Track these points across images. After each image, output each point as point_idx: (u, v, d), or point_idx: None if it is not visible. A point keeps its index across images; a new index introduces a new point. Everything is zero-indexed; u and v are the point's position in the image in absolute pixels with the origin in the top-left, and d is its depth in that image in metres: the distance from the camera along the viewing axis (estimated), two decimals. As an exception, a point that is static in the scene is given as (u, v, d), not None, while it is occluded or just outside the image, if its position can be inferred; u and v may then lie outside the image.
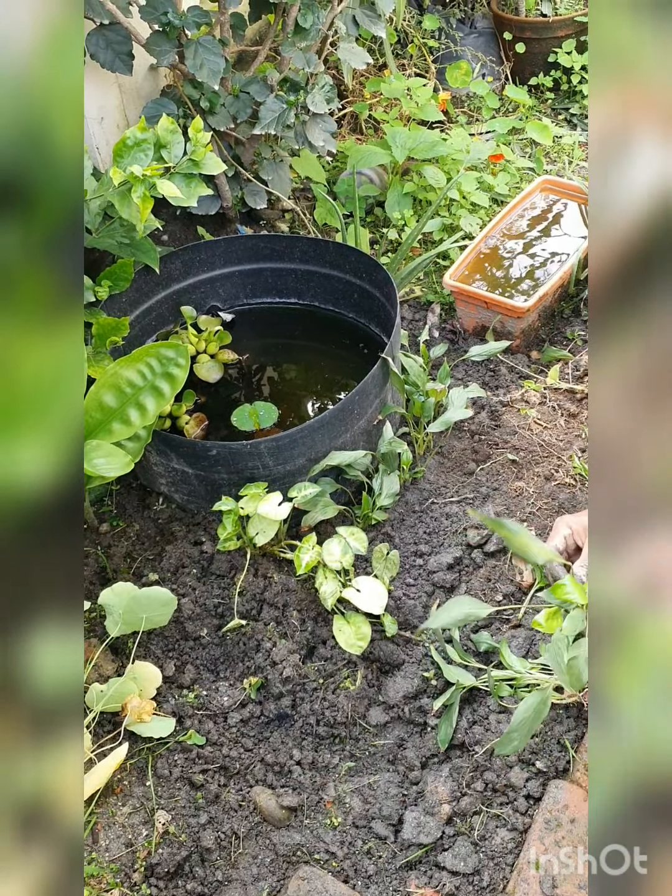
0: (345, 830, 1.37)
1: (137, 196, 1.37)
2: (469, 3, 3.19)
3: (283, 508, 1.55)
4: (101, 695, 1.43)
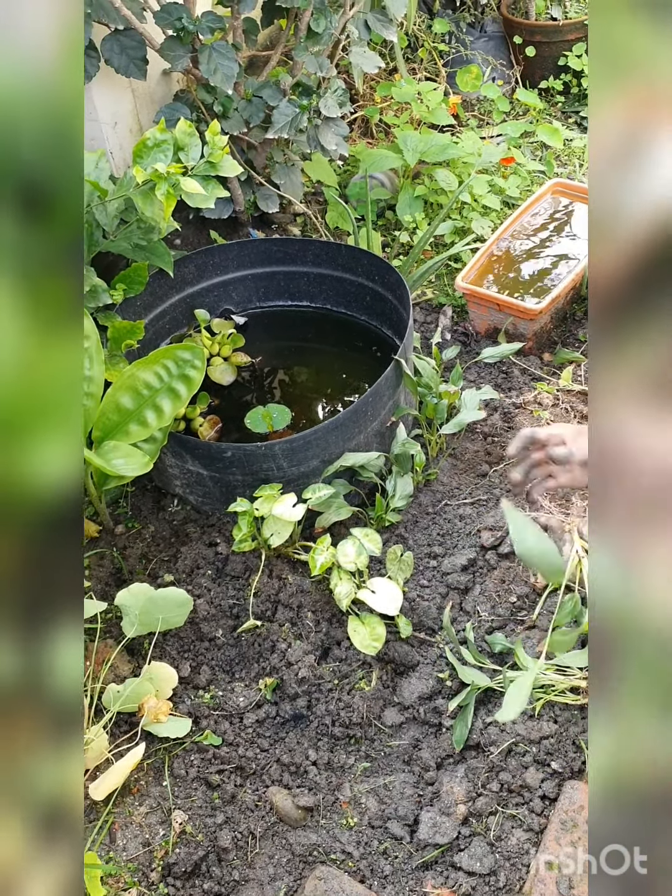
0: (361, 830, 1.37)
1: (161, 193, 1.38)
2: (479, 6, 3.20)
3: (297, 510, 1.56)
4: (117, 695, 1.44)
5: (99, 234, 1.65)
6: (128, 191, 1.49)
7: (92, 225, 1.60)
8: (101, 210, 1.58)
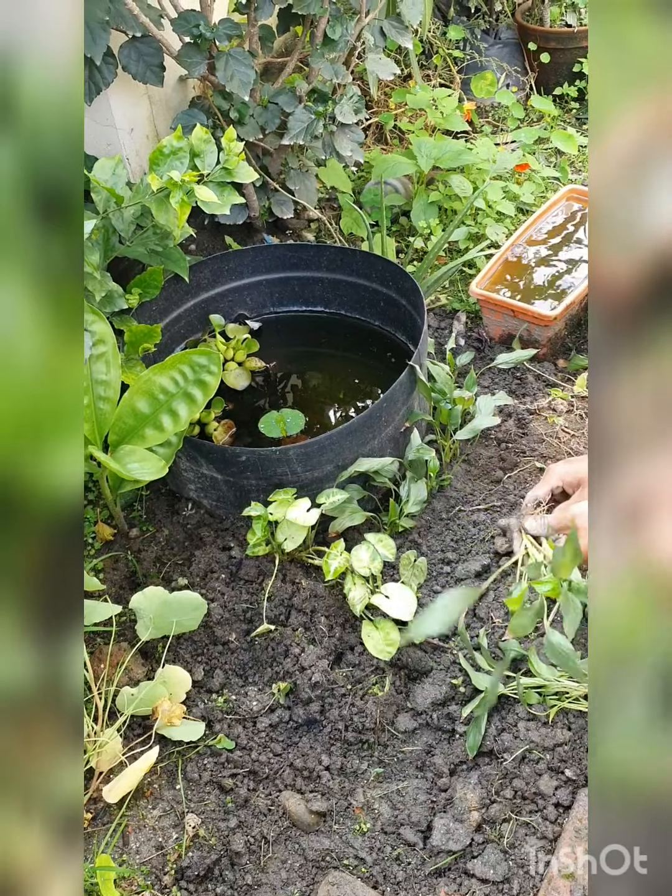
0: (374, 836, 1.37)
1: (176, 201, 1.39)
2: (494, 13, 3.21)
3: (311, 514, 1.56)
4: (131, 698, 1.44)
5: (115, 239, 1.66)
6: (143, 198, 1.50)
7: (108, 230, 1.62)
8: (117, 216, 1.59)
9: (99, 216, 1.60)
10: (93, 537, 1.79)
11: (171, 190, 1.45)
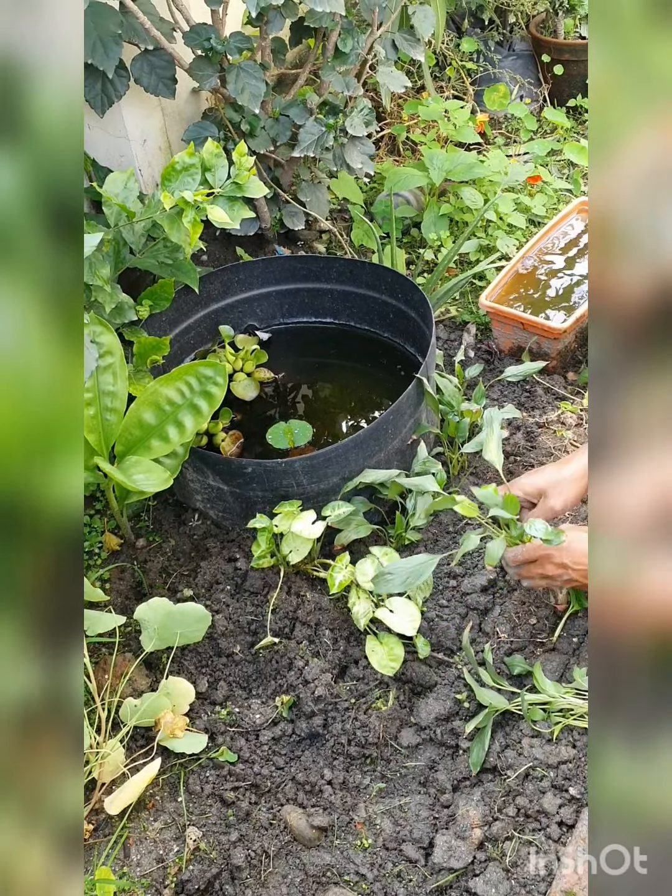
0: (375, 852, 1.36)
1: (188, 221, 1.40)
2: (507, 25, 3.21)
3: (316, 527, 1.56)
4: (134, 709, 1.44)
5: (126, 250, 1.67)
6: (154, 214, 1.51)
7: (119, 242, 1.63)
8: (128, 228, 1.60)
9: (110, 229, 1.61)
10: (99, 547, 1.80)
11: (183, 208, 1.45)
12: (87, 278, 1.48)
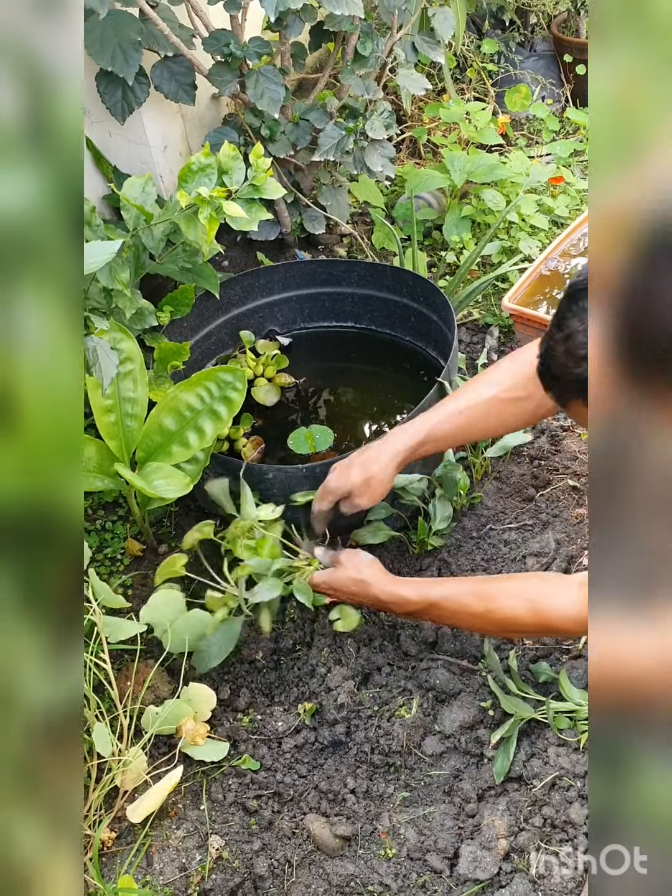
0: (399, 862, 1.34)
1: (204, 217, 1.40)
2: (528, 26, 3.19)
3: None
4: (156, 716, 1.43)
5: (146, 256, 1.67)
6: (172, 214, 1.51)
7: (139, 248, 1.63)
8: (147, 234, 1.60)
9: (129, 234, 1.61)
10: (121, 553, 1.80)
11: (199, 206, 1.45)
12: (107, 283, 1.48)
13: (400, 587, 1.40)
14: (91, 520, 1.85)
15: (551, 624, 1.25)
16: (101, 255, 1.24)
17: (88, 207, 1.59)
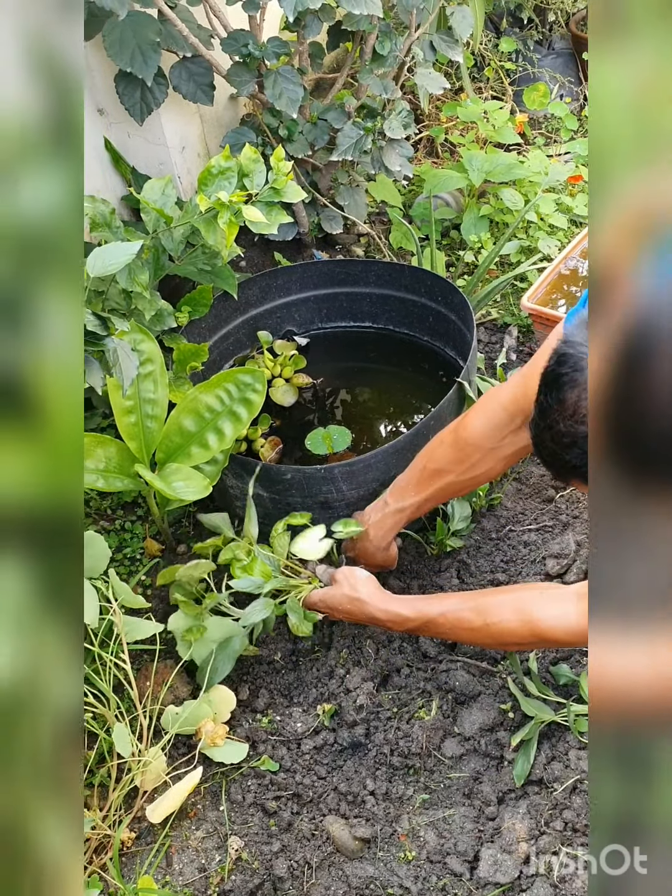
0: (419, 865, 1.34)
1: (223, 222, 1.40)
2: (547, 24, 3.17)
3: (322, 545, 1.52)
4: (175, 717, 1.44)
5: (165, 258, 1.67)
6: (192, 218, 1.51)
7: (158, 249, 1.63)
8: (166, 235, 1.60)
9: (148, 236, 1.62)
10: (141, 553, 1.80)
11: (218, 210, 1.45)
12: (126, 285, 1.48)
13: (396, 605, 1.39)
14: (110, 520, 1.85)
15: (549, 637, 1.24)
16: (121, 256, 1.24)
17: (108, 209, 1.59)
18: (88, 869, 1.31)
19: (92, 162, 2.07)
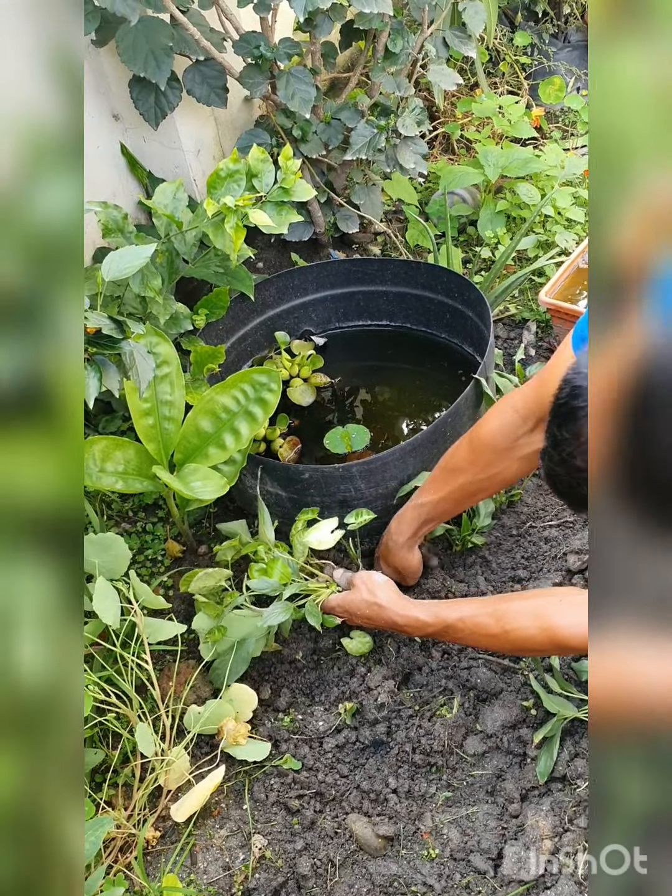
0: (442, 863, 1.34)
1: (230, 226, 1.40)
2: (562, 16, 3.15)
3: (334, 535, 1.52)
4: (198, 716, 1.44)
5: (179, 261, 1.69)
6: (201, 222, 1.52)
7: (172, 253, 1.64)
8: (179, 239, 1.61)
9: (160, 240, 1.63)
10: (162, 554, 1.81)
11: (225, 214, 1.45)
12: (139, 291, 1.49)
13: (415, 610, 1.39)
14: (131, 522, 1.87)
15: (568, 644, 1.24)
16: (135, 260, 1.25)
17: (120, 214, 1.60)
18: (114, 868, 1.32)
19: (109, 167, 2.08)
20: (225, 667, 1.47)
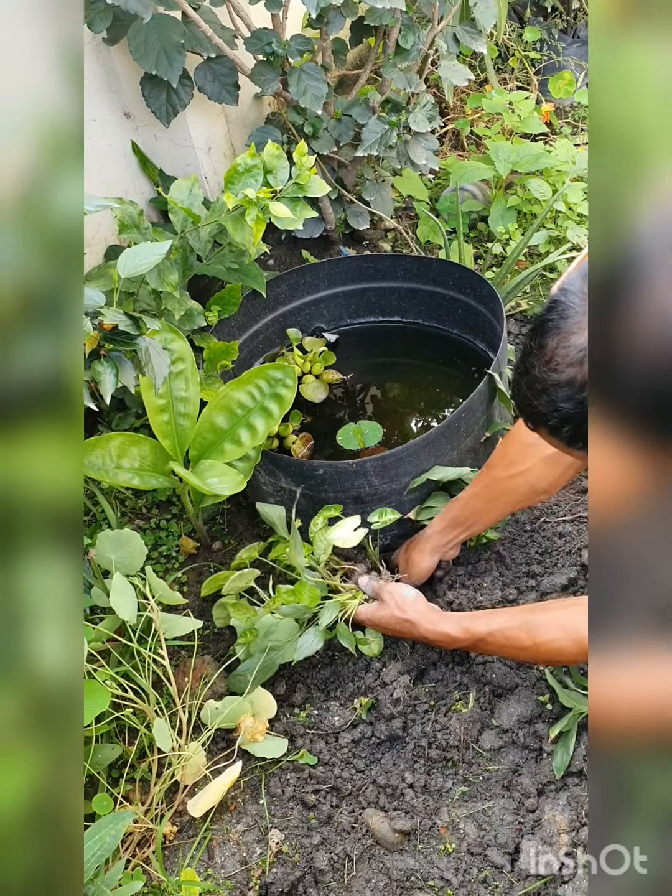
0: (459, 857, 1.34)
1: (251, 218, 1.41)
2: (571, 11, 3.14)
3: (357, 534, 1.52)
4: (216, 713, 1.45)
5: (193, 258, 1.69)
6: (219, 216, 1.52)
7: (186, 249, 1.64)
8: (194, 235, 1.62)
9: (176, 236, 1.63)
10: (176, 551, 1.82)
11: (246, 207, 1.46)
12: (156, 286, 1.50)
13: (445, 625, 1.39)
14: (146, 518, 1.87)
15: None
16: (151, 257, 1.25)
17: (136, 211, 1.61)
18: (132, 862, 1.32)
19: (120, 165, 2.09)
20: (249, 675, 1.47)
